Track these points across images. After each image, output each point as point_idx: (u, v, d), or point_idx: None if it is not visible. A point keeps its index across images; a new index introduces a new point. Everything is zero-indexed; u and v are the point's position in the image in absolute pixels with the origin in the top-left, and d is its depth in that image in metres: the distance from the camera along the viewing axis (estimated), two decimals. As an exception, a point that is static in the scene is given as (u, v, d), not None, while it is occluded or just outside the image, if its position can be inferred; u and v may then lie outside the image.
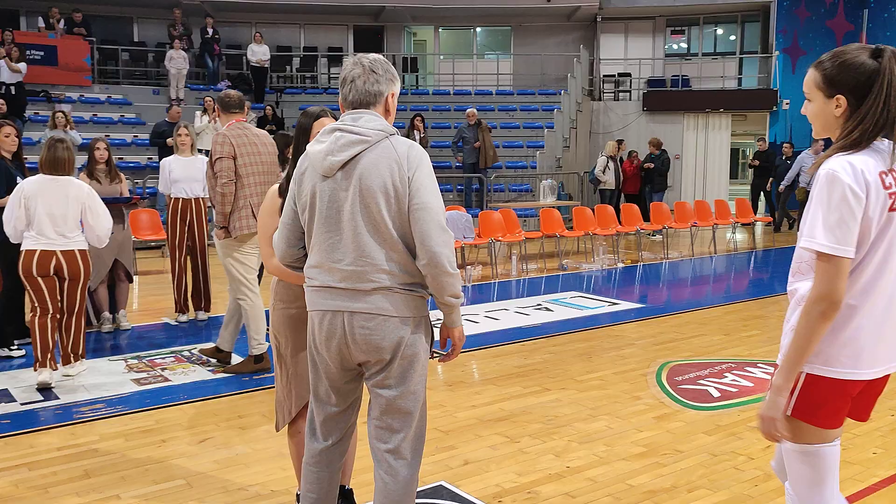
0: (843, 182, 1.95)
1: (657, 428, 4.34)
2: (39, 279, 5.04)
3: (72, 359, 5.24)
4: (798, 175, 13.71)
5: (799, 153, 14.54)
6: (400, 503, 2.53)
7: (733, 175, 26.47)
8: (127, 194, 6.59)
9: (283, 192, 2.88)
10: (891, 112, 2.00)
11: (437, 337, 2.64)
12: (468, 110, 14.57)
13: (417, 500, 3.34)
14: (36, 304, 5.07)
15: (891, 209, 2.01)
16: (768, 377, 5.28)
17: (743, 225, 13.56)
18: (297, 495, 3.05)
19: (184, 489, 3.53)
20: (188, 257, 6.92)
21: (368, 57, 2.52)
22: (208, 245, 7.15)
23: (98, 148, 6.56)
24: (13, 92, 13.01)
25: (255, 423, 4.40)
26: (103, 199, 6.29)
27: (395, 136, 2.47)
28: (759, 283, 9.79)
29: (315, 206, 2.47)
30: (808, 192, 2.15)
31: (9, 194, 5.50)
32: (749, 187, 15.52)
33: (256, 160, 5.29)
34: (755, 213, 13.69)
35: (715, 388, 5.06)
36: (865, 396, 2.14)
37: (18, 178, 5.63)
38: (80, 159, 9.21)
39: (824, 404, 2.06)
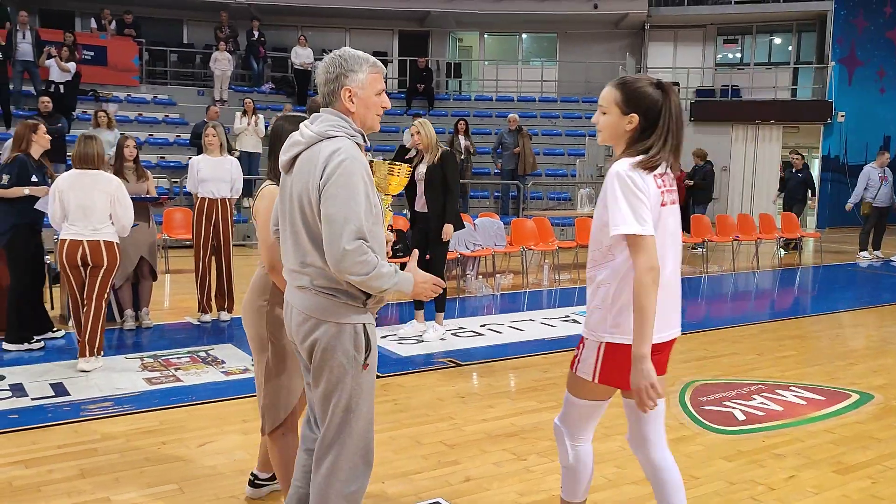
0: (629, 179, 2.42)
1: (673, 451, 4.02)
2: (68, 269, 5.29)
3: (87, 351, 5.26)
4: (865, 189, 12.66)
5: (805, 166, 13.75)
6: None
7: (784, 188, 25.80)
8: (153, 193, 6.62)
9: None
10: (677, 136, 2.52)
11: (373, 348, 2.54)
12: (509, 115, 14.42)
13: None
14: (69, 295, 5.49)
15: (661, 205, 2.49)
16: (801, 401, 5.03)
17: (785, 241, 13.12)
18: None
19: (175, 494, 3.46)
20: (213, 257, 6.92)
21: (329, 56, 2.51)
22: (234, 245, 7.15)
23: (127, 146, 6.60)
24: (62, 91, 13.29)
25: (257, 428, 4.28)
26: (146, 198, 6.36)
27: (332, 139, 2.44)
28: (799, 301, 9.43)
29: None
30: (872, 206, 2.31)
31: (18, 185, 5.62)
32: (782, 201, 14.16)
33: None
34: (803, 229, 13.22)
35: (740, 410, 4.82)
36: (660, 356, 2.60)
37: (34, 176, 5.69)
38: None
39: (626, 368, 2.46)
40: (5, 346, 5.78)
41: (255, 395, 4.89)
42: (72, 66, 13.38)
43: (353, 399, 2.51)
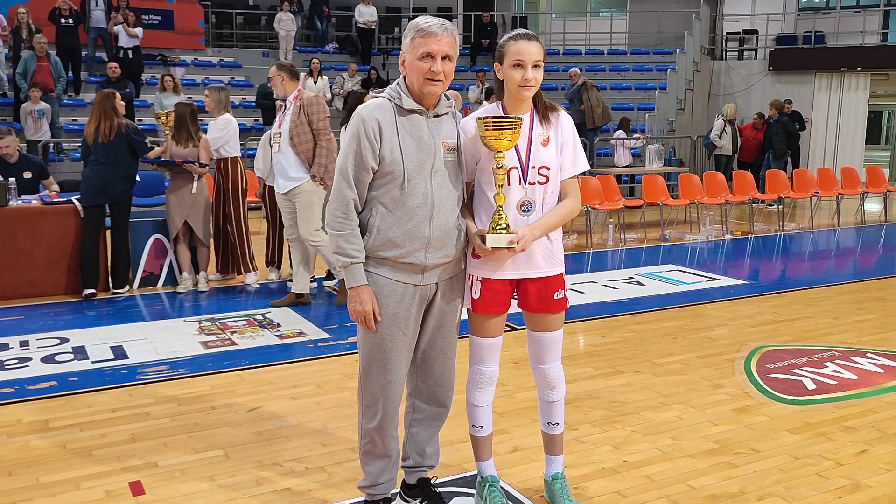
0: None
1: (735, 422, 3.92)
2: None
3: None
4: None
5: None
6: None
7: (872, 141, 24.38)
8: (204, 159, 6.57)
9: None
10: None
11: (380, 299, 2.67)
12: (570, 70, 14.00)
13: (454, 488, 3.26)
14: None
15: None
16: (878, 369, 4.71)
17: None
18: None
19: (220, 461, 3.46)
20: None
21: None
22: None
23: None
24: (130, 56, 13.50)
25: (306, 393, 4.30)
26: (163, 161, 6.43)
27: (372, 99, 2.69)
28: (883, 260, 8.89)
29: None
30: None
31: None
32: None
33: None
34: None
35: (811, 378, 4.55)
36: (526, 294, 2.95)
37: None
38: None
39: (490, 297, 2.91)
40: (114, 290, 6.55)
41: (307, 360, 4.90)
42: (139, 31, 13.55)
43: (358, 337, 2.77)
